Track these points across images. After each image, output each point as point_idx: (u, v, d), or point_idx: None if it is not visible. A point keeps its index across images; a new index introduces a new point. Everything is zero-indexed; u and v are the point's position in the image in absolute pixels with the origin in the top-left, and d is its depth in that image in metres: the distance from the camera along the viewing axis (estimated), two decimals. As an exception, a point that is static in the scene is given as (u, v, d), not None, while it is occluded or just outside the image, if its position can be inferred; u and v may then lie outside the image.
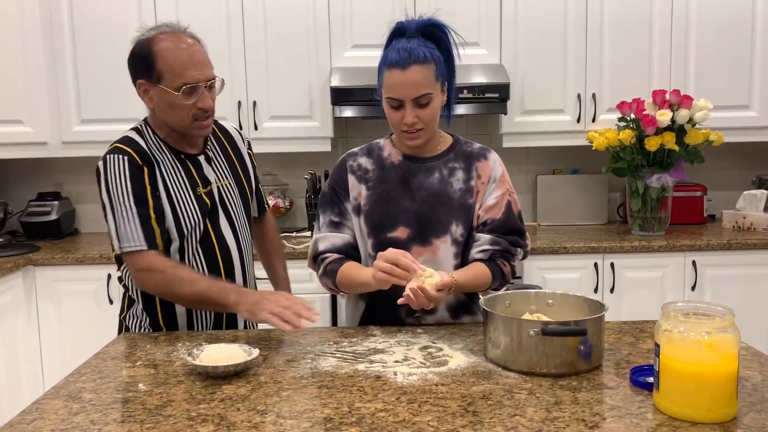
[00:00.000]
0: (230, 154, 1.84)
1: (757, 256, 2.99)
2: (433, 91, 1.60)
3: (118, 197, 1.63)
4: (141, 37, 1.67)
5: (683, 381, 1.10)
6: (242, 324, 1.84)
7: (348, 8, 3.15)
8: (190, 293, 1.61)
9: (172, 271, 1.62)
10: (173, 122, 1.68)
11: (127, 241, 1.62)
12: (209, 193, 1.74)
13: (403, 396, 1.23)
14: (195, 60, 1.63)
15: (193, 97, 1.63)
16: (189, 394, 1.27)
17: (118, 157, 1.64)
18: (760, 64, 3.21)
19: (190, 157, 1.74)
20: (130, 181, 1.63)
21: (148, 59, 1.63)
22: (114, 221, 1.64)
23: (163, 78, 1.62)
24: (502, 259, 1.68)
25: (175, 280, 1.61)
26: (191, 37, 1.68)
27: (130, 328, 1.79)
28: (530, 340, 1.32)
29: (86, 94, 3.17)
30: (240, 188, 1.83)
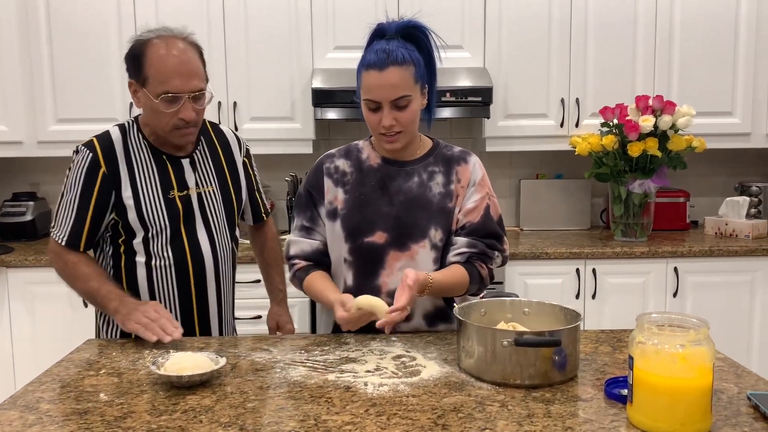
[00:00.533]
0: (221, 160, 1.81)
1: (739, 263, 2.98)
2: (412, 94, 1.57)
3: (68, 189, 1.69)
4: (138, 37, 1.66)
5: (657, 395, 1.08)
6: (216, 328, 1.80)
7: (330, 9, 3.11)
8: (80, 289, 1.71)
9: (73, 266, 1.69)
10: (155, 126, 1.68)
11: (56, 227, 1.71)
12: (185, 197, 1.71)
13: (372, 408, 1.20)
14: (182, 70, 1.60)
15: (174, 105, 1.60)
16: (151, 404, 1.23)
17: (86, 151, 1.67)
18: (743, 71, 3.21)
19: (172, 159, 1.72)
20: (83, 180, 1.66)
21: (138, 61, 1.62)
22: (58, 205, 1.71)
23: (147, 82, 1.61)
24: (479, 261, 1.65)
25: (70, 277, 1.70)
26: (190, 44, 1.65)
27: (103, 332, 1.77)
28: (504, 350, 1.29)
29: (63, 93, 3.11)
30: (225, 195, 1.79)
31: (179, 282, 1.72)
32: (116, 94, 3.12)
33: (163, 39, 1.62)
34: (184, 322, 1.73)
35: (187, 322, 1.74)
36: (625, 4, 3.16)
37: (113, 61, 3.10)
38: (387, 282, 1.63)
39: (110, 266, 1.74)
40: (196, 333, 1.76)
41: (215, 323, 1.80)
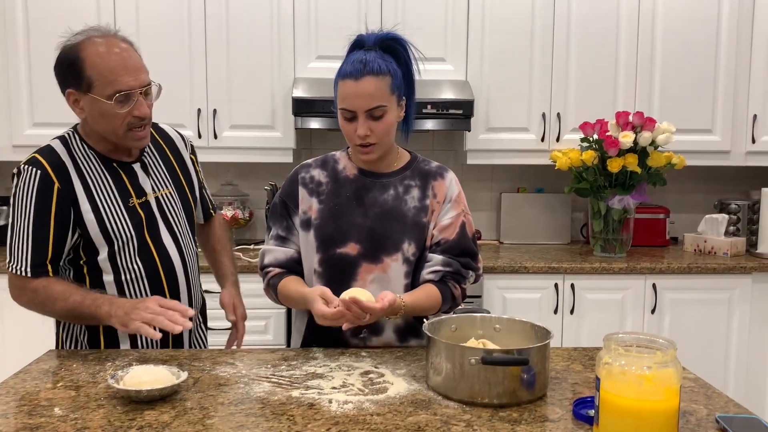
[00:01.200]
0: (170, 160, 1.76)
1: (717, 281, 2.99)
2: (387, 104, 1.56)
3: (19, 213, 1.56)
4: (68, 42, 1.57)
5: (623, 417, 1.06)
6: (187, 341, 1.76)
7: (313, 18, 3.10)
8: (61, 309, 1.57)
9: (44, 291, 1.56)
10: (107, 132, 1.59)
11: (13, 261, 1.57)
12: (144, 204, 1.66)
13: (335, 426, 1.17)
14: (128, 65, 1.54)
15: (128, 105, 1.54)
16: (107, 420, 1.19)
17: (31, 170, 1.55)
18: (723, 89, 3.23)
19: (123, 166, 1.65)
20: (35, 199, 1.55)
21: (75, 66, 1.53)
22: (10, 237, 1.58)
23: (93, 86, 1.52)
24: (453, 281, 1.64)
25: (47, 300, 1.56)
26: (123, 40, 1.58)
27: (66, 343, 1.69)
28: (472, 368, 1.26)
29: (39, 97, 3.06)
30: (182, 196, 1.75)
31: (153, 293, 1.66)
32: (94, 99, 3.07)
33: (97, 40, 1.55)
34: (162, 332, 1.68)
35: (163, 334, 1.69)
36: (607, 20, 3.17)
37: (91, 66, 3.05)
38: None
39: (70, 275, 1.64)
40: (169, 344, 1.70)
41: (185, 333, 1.75)
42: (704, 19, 3.19)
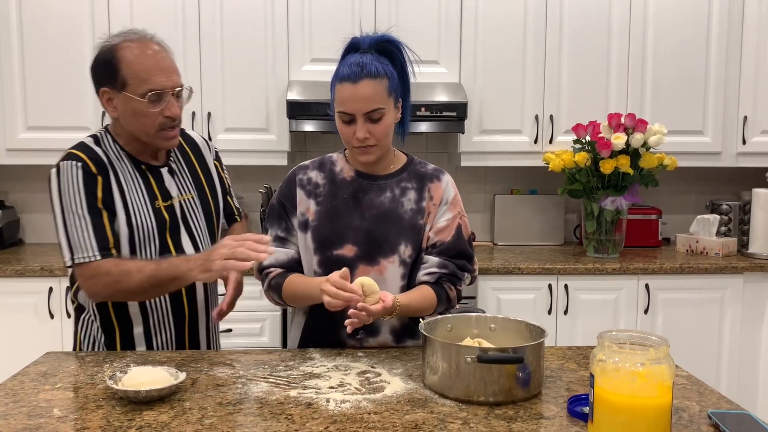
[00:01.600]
0: (195, 166, 1.78)
1: (709, 281, 3.01)
2: (386, 107, 1.57)
3: (70, 205, 1.55)
4: (105, 43, 1.61)
5: (617, 413, 1.07)
6: (205, 342, 1.77)
7: (307, 21, 3.11)
8: (139, 282, 1.52)
9: (117, 269, 1.53)
10: (138, 131, 1.61)
11: (79, 251, 1.54)
12: (169, 207, 1.68)
13: (332, 425, 1.18)
14: (162, 66, 1.58)
15: (160, 104, 1.57)
16: (106, 420, 1.20)
17: (71, 163, 1.57)
18: (714, 91, 3.26)
19: (151, 169, 1.67)
20: (83, 189, 1.56)
21: (111, 65, 1.57)
22: (65, 230, 1.55)
23: (127, 84, 1.56)
24: (449, 283, 1.65)
25: (123, 276, 1.53)
26: (158, 44, 1.62)
27: (84, 346, 1.70)
28: (467, 366, 1.28)
29: (33, 100, 3.06)
30: (204, 202, 1.76)
31: (172, 297, 1.67)
32: (88, 102, 3.08)
33: (133, 41, 1.59)
34: (177, 336, 1.70)
35: (179, 337, 1.71)
36: (599, 23, 3.20)
37: (86, 68, 3.01)
38: None
39: None
40: (186, 346, 1.72)
41: (203, 336, 1.77)
42: (694, 22, 3.23)
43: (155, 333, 1.67)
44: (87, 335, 1.70)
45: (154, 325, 1.67)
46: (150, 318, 1.66)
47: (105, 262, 1.55)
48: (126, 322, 1.66)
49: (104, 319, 1.66)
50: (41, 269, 2.82)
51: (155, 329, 1.67)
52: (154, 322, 1.67)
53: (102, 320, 1.67)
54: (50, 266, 2.83)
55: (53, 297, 2.84)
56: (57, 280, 2.84)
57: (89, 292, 1.58)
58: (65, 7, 3.04)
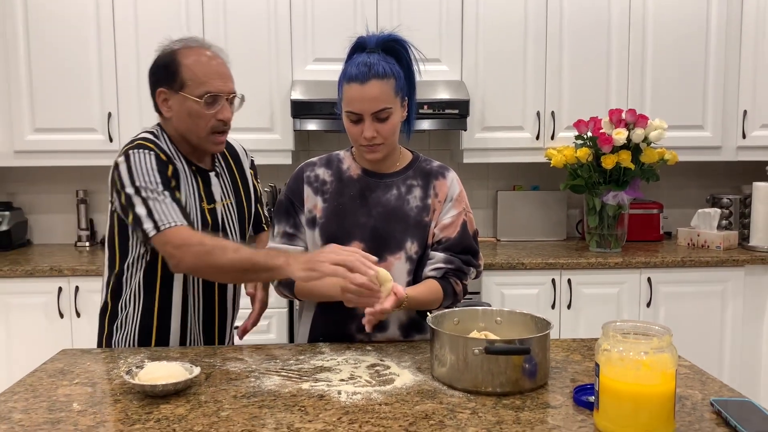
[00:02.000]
0: (234, 173, 1.83)
1: (710, 274, 3.05)
2: (393, 106, 1.60)
3: (147, 184, 1.56)
4: (166, 47, 1.68)
5: (622, 401, 1.11)
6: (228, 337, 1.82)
7: (310, 21, 3.14)
8: (231, 260, 1.50)
9: (210, 241, 1.53)
10: (190, 132, 1.65)
11: (162, 220, 1.54)
12: (212, 210, 1.72)
13: (345, 416, 1.21)
14: (219, 71, 1.65)
15: (214, 107, 1.63)
16: (125, 414, 1.23)
17: (143, 151, 1.60)
18: (713, 86, 3.29)
19: (200, 171, 1.72)
20: (157, 170, 1.58)
21: (172, 67, 1.63)
22: (145, 206, 1.55)
23: (186, 86, 1.62)
24: (454, 277, 1.69)
25: (217, 249, 1.51)
26: (218, 51, 1.70)
27: (116, 341, 1.72)
28: (475, 358, 1.31)
29: (40, 102, 3.10)
30: (239, 209, 1.81)
31: (205, 294, 1.73)
32: (94, 104, 3.11)
33: (194, 48, 1.66)
34: (206, 330, 1.75)
35: (208, 331, 1.76)
36: (599, 20, 3.23)
37: (92, 71, 3.10)
38: None
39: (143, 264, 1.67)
40: (215, 341, 1.78)
41: (227, 333, 1.83)
42: (693, 18, 3.25)
43: (190, 326, 1.72)
44: (119, 327, 1.71)
45: (190, 319, 1.72)
46: (188, 312, 1.71)
47: (196, 232, 1.56)
48: (166, 315, 1.69)
49: (145, 314, 1.69)
50: (50, 269, 2.85)
51: (191, 324, 1.72)
52: (190, 316, 1.72)
53: (143, 315, 1.69)
54: (59, 266, 2.86)
55: (63, 297, 2.87)
56: (66, 280, 2.87)
57: (175, 261, 1.54)
58: (70, 9, 3.07)
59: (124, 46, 3.09)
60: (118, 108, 3.11)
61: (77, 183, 3.48)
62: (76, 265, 2.89)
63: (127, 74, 3.10)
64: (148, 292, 1.69)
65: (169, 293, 1.69)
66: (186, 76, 1.62)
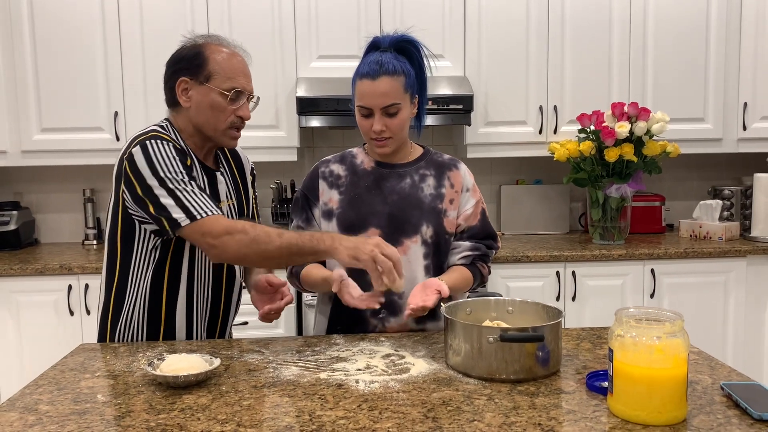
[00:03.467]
0: (236, 175, 1.85)
1: (713, 265, 3.08)
2: (402, 102, 1.67)
3: (173, 176, 1.55)
4: (191, 40, 1.70)
5: (635, 385, 1.14)
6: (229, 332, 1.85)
7: (314, 19, 3.17)
8: (279, 246, 1.51)
9: (252, 228, 1.53)
10: (208, 124, 1.66)
11: (196, 210, 1.53)
12: (219, 209, 1.74)
13: (365, 403, 1.24)
14: (246, 71, 1.70)
15: (237, 103, 1.66)
16: (149, 404, 1.26)
17: (161, 141, 1.59)
18: (714, 79, 3.32)
19: (207, 169, 1.74)
20: (179, 159, 1.58)
21: (199, 59, 1.65)
22: (173, 198, 1.54)
23: (212, 78, 1.64)
24: (481, 262, 1.81)
25: (261, 236, 1.52)
26: (242, 52, 1.73)
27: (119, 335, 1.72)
28: (489, 346, 1.34)
29: (47, 102, 3.12)
30: (240, 210, 1.84)
31: (213, 288, 1.76)
32: (101, 103, 3.14)
33: (224, 44, 1.70)
34: (210, 324, 1.78)
35: (212, 325, 1.78)
36: (601, 14, 3.26)
37: (98, 70, 3.12)
38: None
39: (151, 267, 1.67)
40: (216, 335, 1.80)
41: (230, 328, 1.87)
42: (694, 11, 3.28)
43: (196, 320, 1.74)
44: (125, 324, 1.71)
45: (196, 316, 1.74)
46: (194, 310, 1.73)
47: (237, 221, 1.56)
48: (172, 313, 1.71)
49: (152, 309, 1.70)
50: (60, 267, 2.88)
51: (197, 321, 1.74)
52: (196, 313, 1.74)
53: (150, 310, 1.70)
54: (69, 264, 2.89)
55: (73, 294, 2.90)
56: (76, 278, 2.90)
57: (217, 251, 1.53)
58: (76, 9, 3.09)
59: (129, 45, 3.12)
60: (124, 107, 3.14)
61: (84, 182, 3.51)
62: (85, 263, 2.92)
63: (133, 73, 3.13)
64: (155, 291, 1.69)
65: (176, 291, 1.70)
66: (214, 69, 1.64)
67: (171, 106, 1.72)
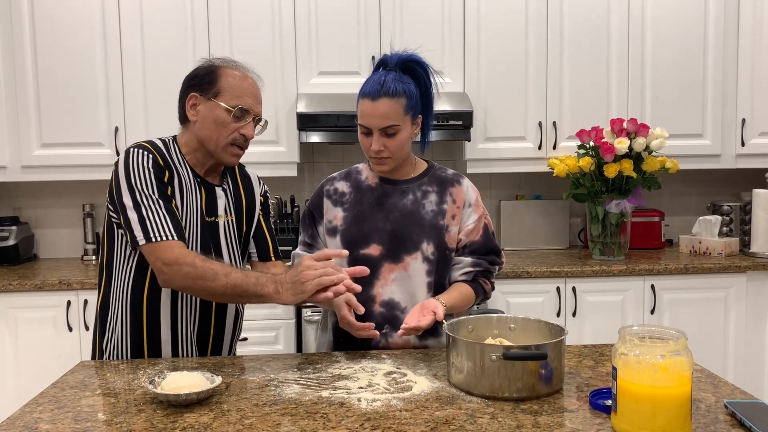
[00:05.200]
0: (241, 193, 1.86)
1: (713, 280, 3.08)
2: (401, 124, 1.68)
3: (143, 189, 1.59)
4: (208, 61, 1.76)
5: (639, 403, 1.13)
6: (227, 349, 1.84)
7: (314, 35, 3.19)
8: (223, 285, 1.54)
9: (202, 263, 1.54)
10: (210, 139, 1.69)
11: (155, 232, 1.56)
12: (214, 223, 1.76)
13: (367, 422, 1.23)
14: (255, 93, 1.73)
15: (240, 121, 1.69)
16: (150, 422, 1.25)
17: (142, 153, 1.63)
18: (712, 95, 3.34)
19: (206, 183, 1.76)
20: (154, 175, 1.62)
21: (211, 76, 1.70)
22: (137, 213, 1.57)
23: (220, 95, 1.68)
24: (483, 278, 1.80)
25: (208, 272, 1.53)
26: (254, 77, 1.76)
27: (108, 353, 1.74)
28: (492, 364, 1.33)
29: (47, 118, 3.13)
30: (239, 226, 1.84)
31: (202, 307, 1.74)
32: (101, 118, 3.14)
33: (238, 67, 1.74)
34: (200, 341, 1.76)
35: (201, 340, 1.76)
36: (599, 31, 3.28)
37: (99, 86, 3.13)
38: (381, 292, 1.73)
39: (130, 276, 1.69)
40: (208, 352, 1.79)
41: (227, 344, 1.84)
42: (691, 28, 3.31)
43: (181, 338, 1.73)
44: (112, 341, 1.73)
45: (182, 331, 1.72)
46: (179, 327, 1.72)
47: (189, 253, 1.56)
48: (155, 328, 1.71)
49: (134, 326, 1.70)
50: (59, 283, 2.87)
51: (182, 335, 1.73)
52: (182, 327, 1.72)
53: (132, 327, 1.70)
54: (68, 280, 2.88)
55: (71, 310, 2.89)
56: (75, 293, 2.89)
57: (165, 277, 1.56)
58: (77, 25, 3.11)
59: (130, 61, 3.13)
60: (124, 122, 3.14)
61: (83, 197, 3.50)
62: (84, 278, 2.91)
63: (134, 89, 3.14)
64: (135, 303, 1.69)
65: (157, 304, 1.69)
66: (223, 86, 1.69)
67: (182, 122, 1.76)
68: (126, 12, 3.11)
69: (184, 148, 1.74)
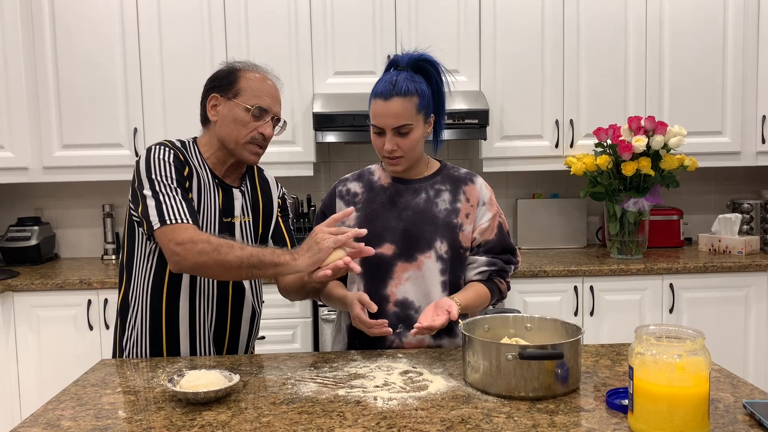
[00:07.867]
0: (258, 195, 1.88)
1: (732, 279, 3.05)
2: (413, 123, 1.68)
3: (161, 179, 1.63)
4: (230, 64, 1.80)
5: (656, 403, 1.13)
6: (243, 348, 1.86)
7: (330, 35, 3.20)
8: (239, 257, 1.54)
9: (216, 239, 1.56)
10: (230, 137, 1.72)
11: (169, 215, 1.58)
12: (231, 224, 1.78)
13: (383, 421, 1.24)
14: (273, 94, 1.77)
15: (259, 120, 1.72)
16: (169, 420, 1.27)
17: (163, 148, 1.68)
18: (731, 92, 3.30)
19: (224, 186, 1.78)
20: (174, 167, 1.66)
21: (231, 77, 1.74)
22: (155, 199, 1.60)
23: (240, 95, 1.72)
24: (498, 277, 1.78)
25: (223, 245, 1.54)
26: (274, 78, 1.81)
27: (128, 351, 1.77)
28: (508, 363, 1.33)
29: (68, 119, 3.17)
30: (255, 227, 1.86)
31: (218, 302, 1.77)
32: (120, 120, 3.18)
33: (257, 70, 1.78)
34: (217, 340, 1.78)
35: (219, 341, 1.79)
36: (616, 28, 3.26)
37: (118, 88, 3.17)
38: (395, 291, 1.72)
39: (150, 275, 1.72)
40: (224, 351, 1.81)
41: (243, 343, 1.86)
42: (710, 24, 3.27)
43: (199, 336, 1.75)
44: (132, 339, 1.76)
45: (200, 329, 1.75)
46: (197, 327, 1.74)
47: (203, 233, 1.58)
48: (173, 326, 1.73)
49: (153, 324, 1.73)
50: (80, 282, 2.91)
51: (200, 334, 1.75)
52: (200, 326, 1.74)
53: (151, 326, 1.73)
54: (89, 279, 2.92)
55: (92, 309, 2.93)
56: (95, 292, 2.93)
57: (178, 258, 1.55)
58: (97, 28, 3.15)
59: (149, 63, 3.16)
60: (143, 123, 3.18)
61: (103, 197, 3.55)
62: (104, 278, 2.95)
63: (152, 91, 3.17)
64: (155, 302, 1.72)
65: (176, 303, 1.72)
66: (243, 86, 1.72)
67: (203, 123, 1.80)
68: (144, 14, 3.15)
69: (204, 149, 1.77)
